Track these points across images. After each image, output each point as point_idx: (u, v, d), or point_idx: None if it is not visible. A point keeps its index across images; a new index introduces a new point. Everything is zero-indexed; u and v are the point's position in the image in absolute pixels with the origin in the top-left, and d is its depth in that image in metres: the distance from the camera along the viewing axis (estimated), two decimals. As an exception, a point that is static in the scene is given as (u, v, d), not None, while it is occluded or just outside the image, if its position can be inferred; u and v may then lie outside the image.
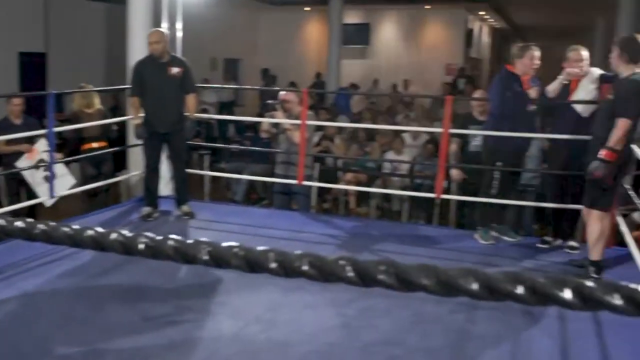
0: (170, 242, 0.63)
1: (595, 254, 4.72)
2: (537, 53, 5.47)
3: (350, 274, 0.53)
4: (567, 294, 0.49)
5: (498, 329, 3.83)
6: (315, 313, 3.99)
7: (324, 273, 0.54)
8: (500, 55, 27.72)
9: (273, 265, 0.57)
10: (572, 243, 5.62)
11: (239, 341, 3.58)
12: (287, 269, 0.56)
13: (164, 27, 7.48)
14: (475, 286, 0.49)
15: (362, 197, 9.05)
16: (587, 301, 0.48)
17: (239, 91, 18.18)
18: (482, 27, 25.25)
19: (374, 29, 20.28)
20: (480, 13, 22.58)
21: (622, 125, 4.38)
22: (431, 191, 6.45)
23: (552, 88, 5.46)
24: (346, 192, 8.91)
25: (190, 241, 0.63)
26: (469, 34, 20.98)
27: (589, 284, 0.49)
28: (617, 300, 0.48)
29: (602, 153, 4.43)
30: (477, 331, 3.81)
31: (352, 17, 19.84)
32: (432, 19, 20.19)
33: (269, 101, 6.91)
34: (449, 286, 0.49)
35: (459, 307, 4.06)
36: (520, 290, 0.48)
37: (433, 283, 0.49)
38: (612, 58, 4.60)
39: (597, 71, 5.45)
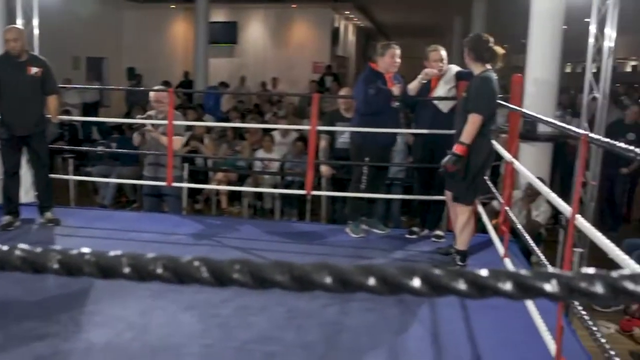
0: (17, 252, 0.59)
1: (461, 244, 4.94)
2: (397, 51, 5.66)
3: (205, 274, 0.52)
4: (416, 283, 0.50)
5: (372, 320, 3.93)
6: (189, 315, 3.92)
7: (179, 275, 0.53)
8: (365, 53, 28.49)
9: (127, 270, 0.55)
10: (438, 232, 5.87)
11: (111, 350, 3.45)
12: (142, 273, 0.54)
13: (19, 23, 7.07)
14: (328, 280, 0.49)
15: (234, 197, 9.02)
16: (435, 288, 0.50)
17: (103, 91, 17.54)
18: (348, 25, 25.82)
19: (241, 27, 20.19)
20: (346, 12, 23.07)
21: (473, 120, 4.62)
22: (302, 188, 6.52)
23: (413, 87, 5.68)
24: (217, 192, 8.83)
25: (38, 250, 0.59)
26: (335, 32, 21.38)
27: (436, 272, 0.51)
28: (462, 285, 0.50)
29: (454, 148, 4.65)
30: (351, 323, 3.89)
31: (219, 15, 19.66)
32: (299, 17, 20.39)
33: (139, 116, 6.74)
34: (303, 281, 0.49)
35: (332, 301, 4.13)
36: (372, 281, 0.49)
37: (287, 279, 0.49)
38: (464, 57, 4.86)
39: (454, 68, 5.72)
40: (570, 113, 8.61)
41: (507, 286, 0.50)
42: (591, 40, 6.85)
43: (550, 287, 0.50)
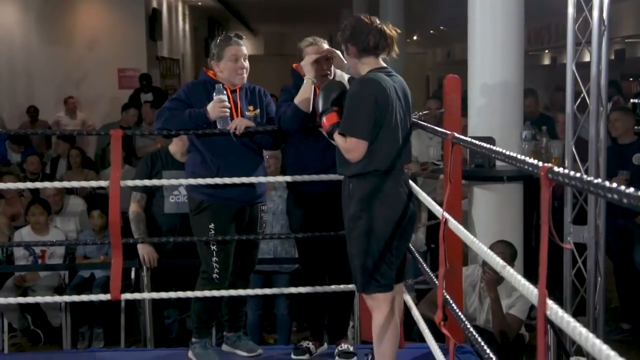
0: None
1: (384, 358, 5.08)
2: (242, 48, 5.81)
3: None
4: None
5: None
6: None
7: None
8: (208, 51, 28.72)
9: None
10: (345, 346, 5.97)
11: None
12: None
13: None
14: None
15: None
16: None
17: None
18: (177, 5, 25.97)
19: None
20: (170, -18, 23.16)
21: (348, 147, 4.90)
22: (107, 289, 6.47)
23: (303, 99, 5.65)
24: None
25: None
26: (153, 17, 21.32)
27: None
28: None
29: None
30: None
31: None
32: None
33: None
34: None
35: None
36: None
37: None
38: (346, 58, 5.18)
39: (346, 76, 5.86)
40: (548, 131, 8.90)
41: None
42: (570, 10, 7.25)
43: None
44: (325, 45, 5.82)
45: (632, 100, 18.16)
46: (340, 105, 5.01)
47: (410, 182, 5.27)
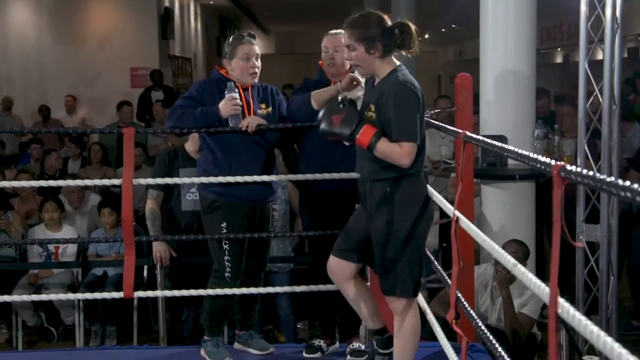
0: None
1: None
2: (254, 47, 5.79)
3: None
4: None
5: None
6: None
7: None
8: (220, 50, 28.74)
9: None
10: (357, 344, 5.96)
11: None
12: None
13: None
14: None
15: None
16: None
17: None
18: (189, 4, 25.98)
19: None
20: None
21: (402, 152, 4.77)
22: (119, 287, 6.47)
23: (322, 98, 5.60)
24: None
25: None
26: (166, 16, 21.33)
27: None
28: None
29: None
30: None
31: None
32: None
33: None
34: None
35: None
36: None
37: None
38: (356, 57, 4.95)
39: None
40: (560, 130, 8.88)
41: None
42: (583, 8, 7.23)
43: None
44: (344, 38, 5.75)
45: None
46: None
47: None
